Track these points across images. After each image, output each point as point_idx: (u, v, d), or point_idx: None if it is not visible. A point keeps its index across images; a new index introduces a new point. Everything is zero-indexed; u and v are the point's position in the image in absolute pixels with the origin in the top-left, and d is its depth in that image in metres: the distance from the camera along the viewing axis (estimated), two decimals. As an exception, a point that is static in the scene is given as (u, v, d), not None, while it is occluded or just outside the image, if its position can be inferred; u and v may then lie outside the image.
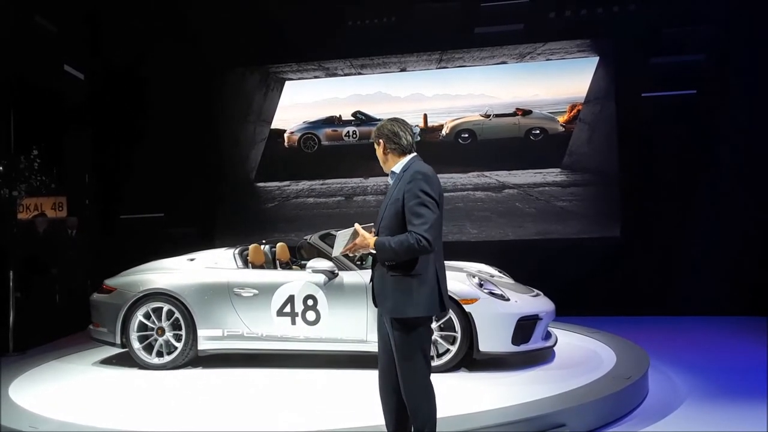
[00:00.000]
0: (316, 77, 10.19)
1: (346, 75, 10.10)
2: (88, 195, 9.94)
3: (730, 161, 8.59)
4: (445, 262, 6.32)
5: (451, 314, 5.36)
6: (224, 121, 10.32)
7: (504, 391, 4.91)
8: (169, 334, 6.06)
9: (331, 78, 10.15)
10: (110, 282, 6.35)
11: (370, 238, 3.29)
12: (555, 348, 5.86)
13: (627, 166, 9.08)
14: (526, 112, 9.57)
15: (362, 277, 5.63)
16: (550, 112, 9.53)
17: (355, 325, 5.60)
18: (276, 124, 10.26)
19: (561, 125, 9.49)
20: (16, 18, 8.32)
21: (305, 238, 6.24)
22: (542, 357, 5.74)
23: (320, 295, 5.69)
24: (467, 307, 5.38)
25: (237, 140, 10.33)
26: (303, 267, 6.11)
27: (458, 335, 5.43)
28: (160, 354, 6.06)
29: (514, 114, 9.61)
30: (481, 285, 5.56)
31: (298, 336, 5.77)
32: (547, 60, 9.50)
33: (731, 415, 4.80)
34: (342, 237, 3.36)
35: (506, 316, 5.43)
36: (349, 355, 5.74)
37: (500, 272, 6.43)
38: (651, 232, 8.88)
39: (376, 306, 3.40)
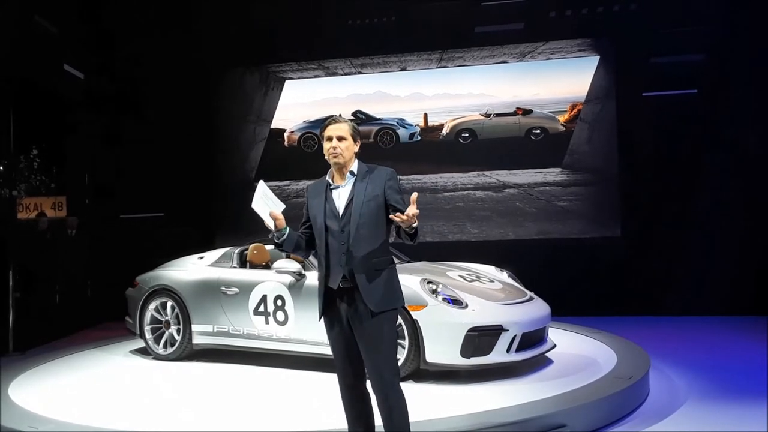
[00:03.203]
0: (316, 77, 10.18)
1: (346, 74, 10.09)
2: (88, 195, 9.92)
3: (730, 161, 8.58)
4: (442, 262, 6.30)
5: (400, 320, 5.01)
6: (224, 120, 10.31)
7: (504, 392, 4.91)
8: (173, 328, 6.43)
9: (331, 77, 10.14)
10: (138, 277, 6.83)
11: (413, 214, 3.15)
12: (556, 347, 5.76)
13: (628, 165, 9.07)
14: (526, 112, 9.56)
15: None
16: (550, 112, 9.51)
17: (316, 327, 5.55)
18: (276, 123, 10.25)
19: (561, 125, 9.48)
20: (16, 18, 8.31)
21: None
22: (542, 358, 5.69)
23: (287, 296, 5.75)
24: (414, 314, 5.06)
25: (237, 140, 10.32)
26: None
27: (405, 343, 5.09)
28: (165, 346, 6.47)
29: (514, 113, 9.60)
30: (435, 291, 5.19)
31: (272, 335, 5.87)
32: (548, 59, 9.49)
33: (732, 415, 4.79)
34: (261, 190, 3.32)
35: (454, 325, 5.03)
36: (312, 357, 5.70)
37: (509, 274, 6.23)
38: (651, 232, 8.87)
39: (365, 306, 3.27)
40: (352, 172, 3.42)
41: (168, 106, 9.65)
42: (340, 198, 3.40)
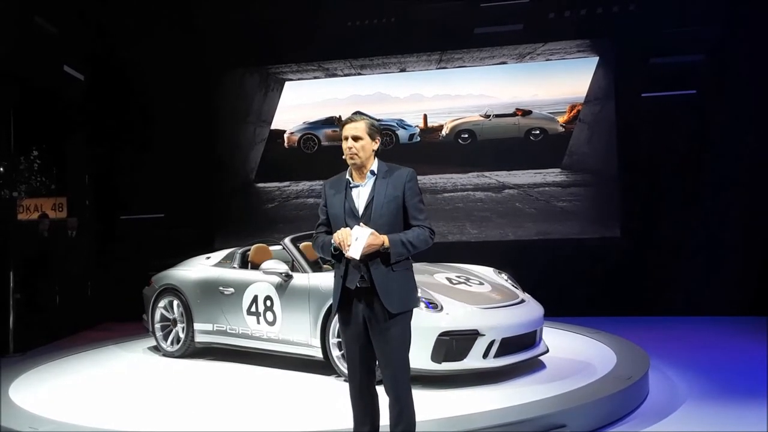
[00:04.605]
0: (315, 78, 10.19)
1: (345, 75, 10.09)
2: (88, 196, 9.93)
3: (730, 161, 8.58)
4: (438, 263, 6.28)
5: None
6: (224, 121, 10.31)
7: (504, 392, 4.91)
8: (179, 326, 6.58)
9: (331, 78, 10.14)
10: (153, 276, 7.01)
11: (381, 236, 3.24)
12: (555, 348, 5.77)
13: (627, 166, 9.07)
14: (525, 113, 9.57)
15: (309, 280, 5.64)
16: (549, 113, 9.52)
17: (300, 328, 5.60)
18: (276, 124, 10.25)
19: (561, 125, 9.48)
20: (16, 18, 8.31)
21: (283, 240, 6.25)
22: (542, 358, 5.70)
23: (275, 297, 5.81)
24: None
25: (237, 141, 10.32)
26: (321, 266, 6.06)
27: None
28: (172, 343, 6.66)
29: (513, 114, 9.61)
30: None
31: (262, 335, 5.94)
32: (547, 60, 9.50)
33: (732, 415, 4.80)
34: (360, 237, 3.18)
35: (424, 329, 4.81)
36: (298, 358, 5.72)
37: (508, 276, 6.14)
38: (651, 233, 8.87)
39: (382, 307, 3.26)
40: (372, 171, 3.43)
41: (168, 106, 9.65)
42: (360, 197, 3.40)
